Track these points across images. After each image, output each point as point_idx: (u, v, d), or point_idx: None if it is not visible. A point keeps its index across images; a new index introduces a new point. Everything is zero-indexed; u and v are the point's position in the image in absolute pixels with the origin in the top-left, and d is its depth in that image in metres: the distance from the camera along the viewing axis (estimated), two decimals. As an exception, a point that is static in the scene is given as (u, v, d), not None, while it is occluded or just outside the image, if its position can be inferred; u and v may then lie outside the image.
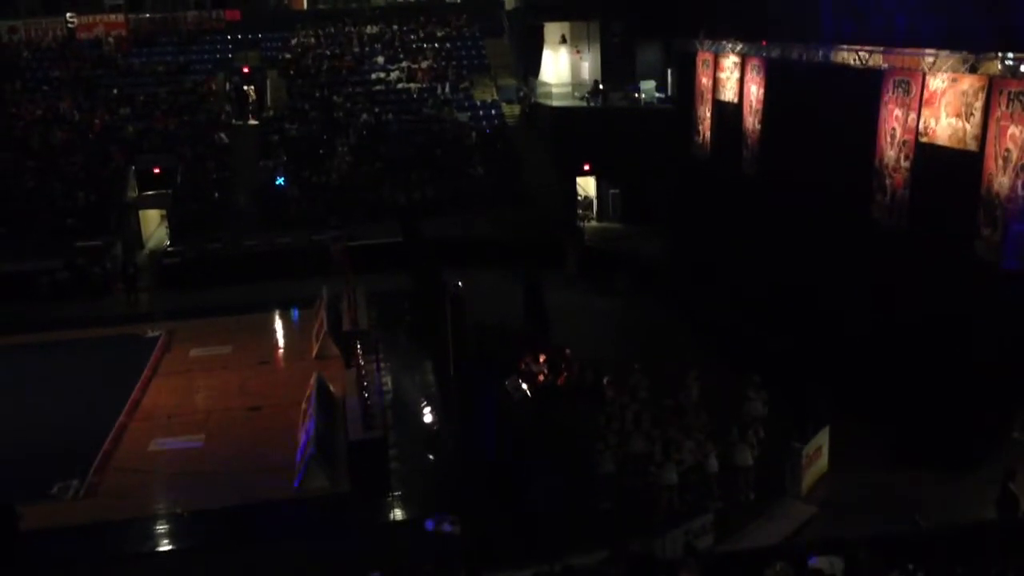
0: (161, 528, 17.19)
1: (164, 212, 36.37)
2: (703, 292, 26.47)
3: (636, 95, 36.52)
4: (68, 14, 43.65)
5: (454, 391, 21.06)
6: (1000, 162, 16.85)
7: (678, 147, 31.68)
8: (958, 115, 18.17)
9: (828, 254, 22.62)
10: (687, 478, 16.61)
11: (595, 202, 37.71)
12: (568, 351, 21.31)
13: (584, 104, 37.91)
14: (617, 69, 38.35)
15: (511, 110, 40.35)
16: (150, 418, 21.60)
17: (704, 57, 30.17)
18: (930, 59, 18.64)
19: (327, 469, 18.05)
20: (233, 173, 36.64)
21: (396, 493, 17.79)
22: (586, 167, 36.69)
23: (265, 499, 17.69)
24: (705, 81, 30.22)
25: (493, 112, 40.24)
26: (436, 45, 44.12)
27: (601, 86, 38.01)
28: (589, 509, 16.46)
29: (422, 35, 44.88)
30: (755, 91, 26.51)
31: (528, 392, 20.40)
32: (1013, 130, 16.49)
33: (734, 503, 16.62)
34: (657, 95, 36.62)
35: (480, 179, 36.24)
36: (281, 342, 27.36)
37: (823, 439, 17.61)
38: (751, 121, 26.86)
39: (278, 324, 28.58)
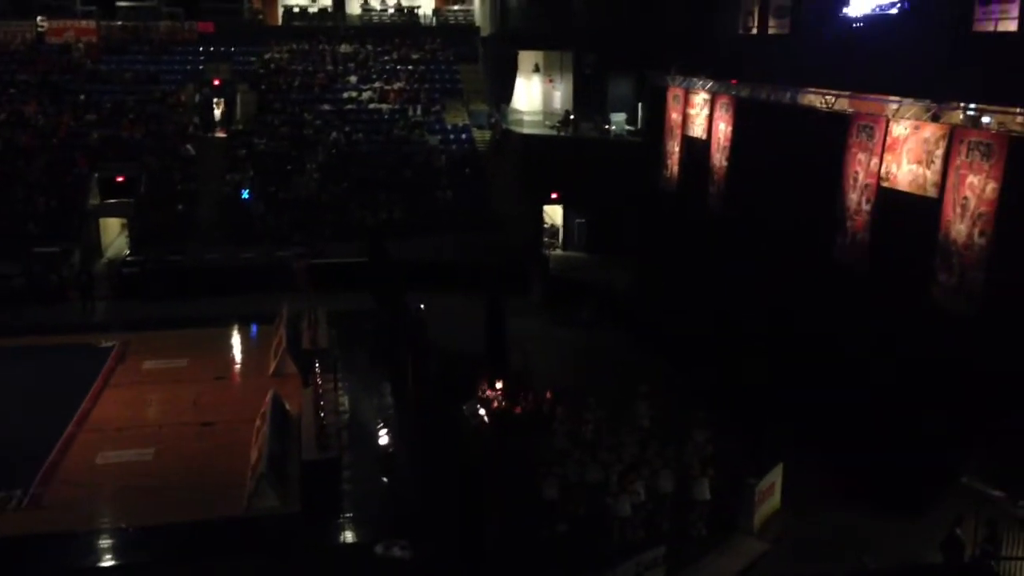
0: (105, 543, 16.80)
1: (125, 221, 35.97)
2: (666, 324, 26.58)
3: (606, 126, 36.83)
4: (39, 18, 43.21)
5: (412, 414, 20.93)
6: (958, 209, 17.18)
7: (646, 180, 31.99)
8: (919, 162, 18.53)
9: (789, 292, 22.87)
10: (640, 510, 16.58)
11: (561, 231, 37.87)
12: (526, 380, 21.25)
13: (555, 133, 38.16)
14: (588, 100, 38.71)
15: (482, 135, 40.48)
16: (99, 430, 21.18)
17: (675, 92, 30.56)
18: (894, 106, 19.01)
19: (278, 488, 17.81)
20: (198, 185, 36.31)
21: (348, 515, 17.58)
22: (554, 195, 36.86)
23: (213, 517, 17.38)
24: (675, 116, 30.59)
25: (464, 137, 40.34)
26: (410, 67, 44.21)
27: (572, 116, 38.30)
28: (538, 537, 16.38)
29: (396, 57, 44.97)
30: (723, 128, 26.87)
31: (485, 418, 20.33)
32: (972, 179, 16.84)
33: (686, 536, 16.62)
34: (627, 128, 36.97)
35: (448, 203, 36.26)
36: (238, 358, 27.02)
37: (777, 476, 17.70)
38: (718, 158, 27.21)
39: (236, 339, 28.24)
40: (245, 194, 35.41)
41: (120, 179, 35.49)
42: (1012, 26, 17.54)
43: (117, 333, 27.72)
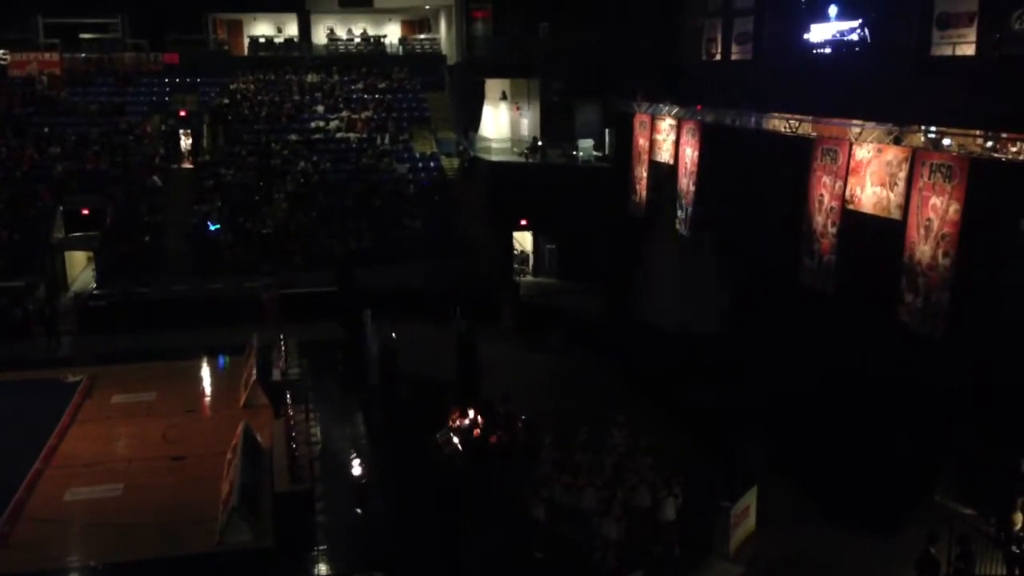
0: (74, 581, 16.53)
1: (91, 254, 35.59)
2: (636, 349, 26.68)
3: (574, 153, 37.08)
4: (1, 51, 42.85)
5: (384, 444, 20.81)
6: (922, 231, 17.44)
7: (615, 205, 32.17)
8: (883, 184, 18.81)
9: (758, 315, 23.08)
10: (631, 533, 16.69)
11: (531, 257, 37.98)
12: (499, 407, 21.22)
13: (523, 160, 38.35)
14: (556, 127, 38.95)
15: (450, 163, 40.60)
16: (67, 466, 20.84)
17: (641, 119, 30.83)
18: (856, 130, 19.30)
19: (251, 522, 17.60)
20: (165, 216, 36.05)
21: (322, 547, 17.39)
22: (523, 222, 36.99)
23: (185, 552, 17.12)
24: (642, 142, 30.84)
25: (432, 164, 40.43)
26: (377, 96, 44.33)
27: (540, 143, 38.53)
28: (522, 561, 16.30)
29: (363, 86, 45.06)
30: (690, 153, 27.12)
31: (459, 446, 20.26)
32: (934, 200, 17.11)
33: (660, 557, 16.63)
34: (595, 154, 37.22)
35: (417, 231, 36.25)
36: (208, 390, 26.73)
37: (751, 498, 17.76)
38: (686, 182, 27.43)
39: (205, 371, 27.96)
40: (213, 227, 35.16)
41: (85, 211, 35.17)
42: (970, 50, 17.93)
43: (84, 367, 27.34)
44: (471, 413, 21.09)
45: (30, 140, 38.75)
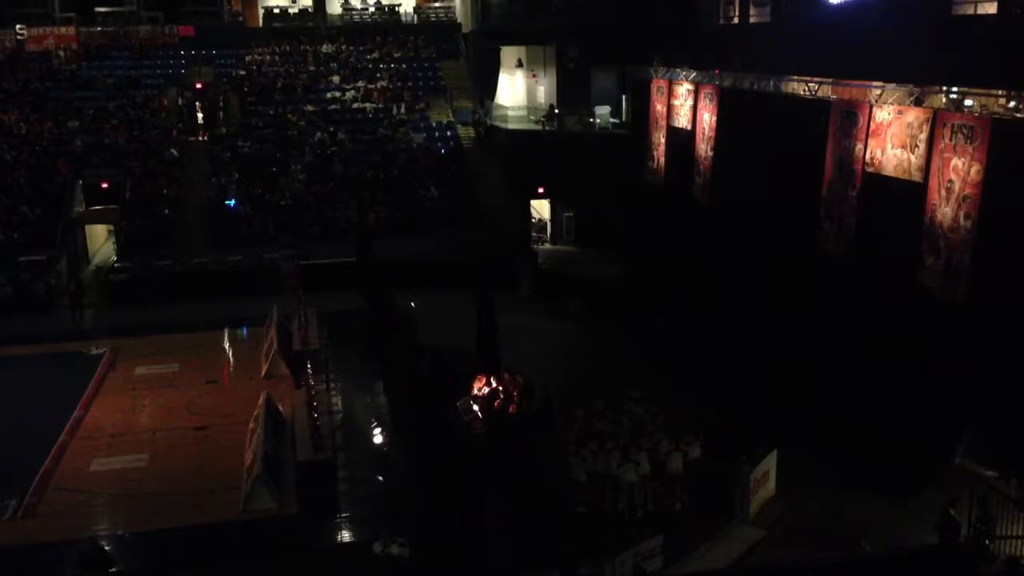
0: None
1: (111, 227, 35.81)
2: (655, 315, 26.65)
3: (591, 120, 36.88)
4: (18, 26, 42.94)
5: (405, 412, 20.93)
6: (943, 193, 17.29)
7: (632, 172, 32.06)
8: (903, 146, 18.63)
9: (778, 279, 22.98)
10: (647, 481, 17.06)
11: (549, 225, 37.91)
12: (519, 377, 21.28)
13: (539, 128, 38.19)
14: (572, 94, 38.73)
15: (467, 132, 40.46)
16: (93, 437, 21.10)
17: (658, 84, 30.62)
18: (877, 91, 19.10)
19: (274, 490, 17.80)
20: (184, 189, 36.19)
21: (344, 515, 17.58)
22: (540, 190, 36.91)
23: (210, 520, 17.36)
24: (659, 108, 30.65)
25: (449, 134, 40.31)
26: (392, 66, 44.15)
27: (556, 110, 38.33)
28: (540, 524, 16.45)
29: (378, 56, 44.88)
30: (708, 118, 26.95)
31: (479, 414, 20.35)
32: (956, 162, 16.94)
33: (678, 522, 16.79)
34: (612, 120, 37.02)
35: (435, 200, 36.24)
36: (230, 361, 26.92)
37: (771, 463, 17.80)
38: (703, 148, 27.28)
39: (227, 343, 28.10)
40: (230, 202, 35.23)
41: (104, 185, 35.34)
42: (992, 8, 17.65)
43: (107, 340, 27.62)
44: (492, 382, 21.16)
45: (48, 115, 38.91)
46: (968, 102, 16.60)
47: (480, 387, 21.19)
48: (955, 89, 16.98)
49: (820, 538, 16.49)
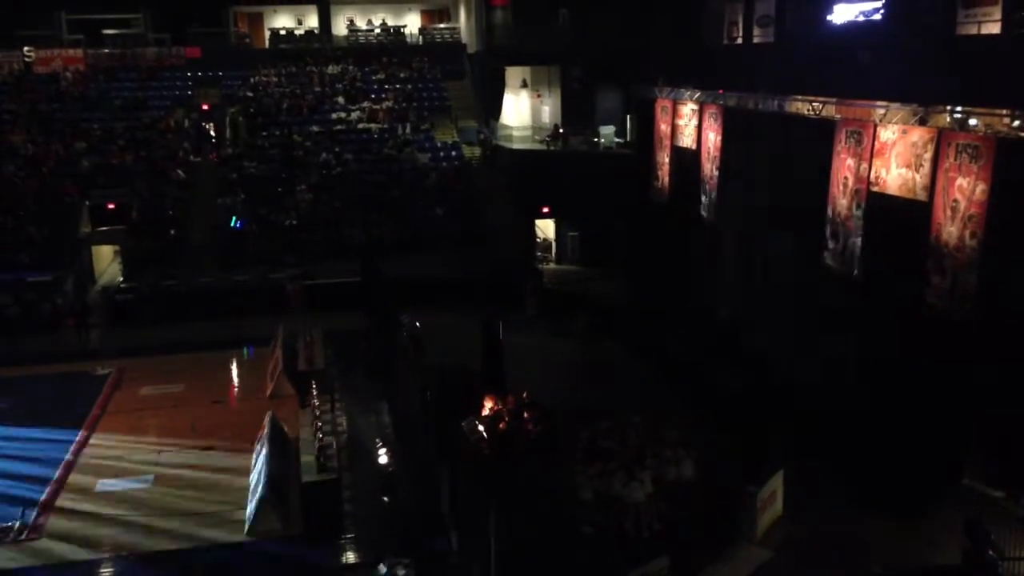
0: (106, 571, 16.67)
1: (118, 248, 35.92)
2: (660, 334, 26.62)
3: (596, 139, 36.96)
4: (25, 48, 43.25)
5: (410, 432, 20.88)
6: (948, 212, 17.27)
7: (637, 191, 32.09)
8: (908, 166, 18.64)
9: (783, 299, 22.95)
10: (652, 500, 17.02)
11: (554, 244, 37.95)
12: (525, 395, 21.23)
13: (544, 147, 38.28)
14: (577, 114, 38.88)
15: (472, 152, 40.60)
16: (98, 457, 21.09)
17: (663, 104, 30.71)
18: (881, 111, 19.12)
19: (279, 511, 17.75)
20: (190, 210, 36.32)
21: (349, 536, 17.52)
22: (545, 210, 36.96)
23: (215, 541, 17.31)
24: (664, 127, 30.72)
25: (454, 153, 40.43)
26: (397, 86, 44.36)
27: (561, 130, 38.43)
28: (546, 545, 16.36)
29: (384, 76, 45.10)
30: (713, 138, 26.99)
31: (485, 435, 20.28)
32: (961, 181, 16.94)
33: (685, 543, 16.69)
34: (616, 140, 37.10)
35: (440, 220, 36.30)
36: (235, 381, 26.97)
37: (778, 483, 17.70)
38: (709, 167, 27.31)
39: (232, 363, 28.19)
40: (236, 222, 35.24)
41: (111, 206, 35.49)
42: (995, 28, 17.69)
43: (113, 360, 27.65)
44: (498, 404, 21.11)
45: (56, 136, 39.12)
46: (973, 121, 16.61)
47: (488, 408, 21.14)
48: (959, 108, 17.00)
49: (829, 559, 16.37)
